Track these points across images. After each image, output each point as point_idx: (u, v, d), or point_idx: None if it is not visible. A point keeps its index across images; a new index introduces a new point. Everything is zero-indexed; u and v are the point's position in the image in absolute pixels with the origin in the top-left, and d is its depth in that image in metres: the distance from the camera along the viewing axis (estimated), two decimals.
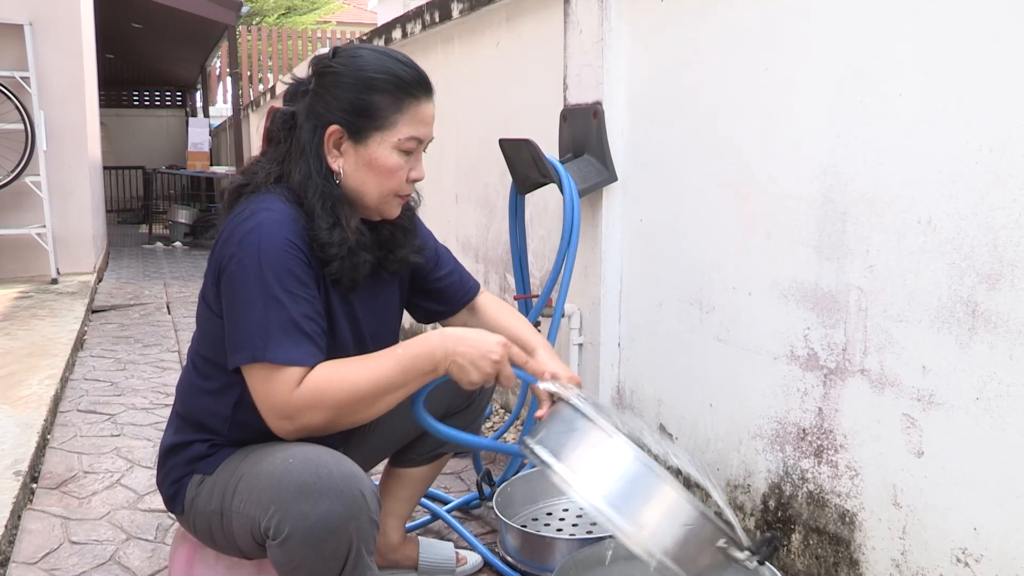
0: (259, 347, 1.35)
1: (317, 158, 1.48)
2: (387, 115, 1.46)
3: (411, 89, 1.48)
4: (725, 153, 1.93)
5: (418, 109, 1.49)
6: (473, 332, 1.45)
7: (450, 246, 3.66)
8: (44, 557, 2.07)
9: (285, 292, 1.37)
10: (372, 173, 1.49)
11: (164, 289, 6.33)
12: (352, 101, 1.46)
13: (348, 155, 1.49)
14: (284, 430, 1.39)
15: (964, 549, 1.43)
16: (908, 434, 1.52)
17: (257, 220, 1.41)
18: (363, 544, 1.35)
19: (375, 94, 1.46)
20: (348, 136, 1.47)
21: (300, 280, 1.40)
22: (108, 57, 11.72)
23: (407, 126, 1.48)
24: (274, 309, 1.37)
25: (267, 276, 1.37)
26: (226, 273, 1.41)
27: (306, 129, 1.48)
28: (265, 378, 1.36)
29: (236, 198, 1.52)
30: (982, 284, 1.38)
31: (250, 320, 1.37)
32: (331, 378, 1.37)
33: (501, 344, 1.44)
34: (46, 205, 5.72)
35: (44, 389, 3.19)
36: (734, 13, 1.87)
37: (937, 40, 1.43)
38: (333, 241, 1.44)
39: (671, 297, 2.14)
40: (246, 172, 1.55)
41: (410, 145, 1.49)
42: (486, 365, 1.42)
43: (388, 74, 1.46)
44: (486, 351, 1.42)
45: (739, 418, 1.93)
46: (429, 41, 3.82)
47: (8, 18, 5.64)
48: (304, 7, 18.02)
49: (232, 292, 1.40)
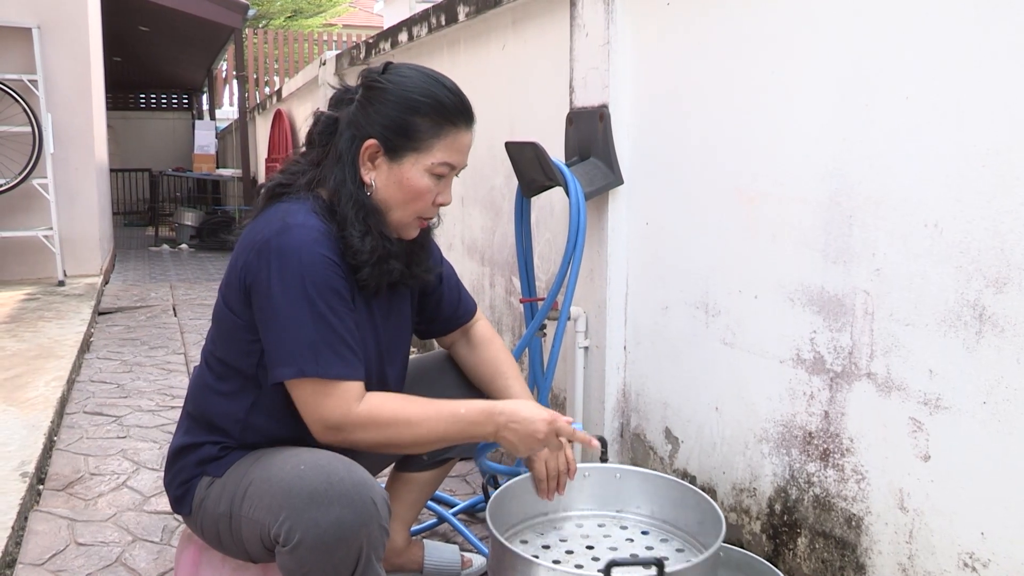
0: (308, 362, 1.39)
1: (352, 167, 1.51)
2: (425, 138, 1.49)
3: (452, 116, 1.51)
4: (731, 156, 1.92)
5: (456, 136, 1.52)
6: (526, 409, 1.49)
7: (456, 249, 3.68)
8: (51, 558, 2.08)
9: (329, 309, 1.41)
10: (401, 191, 1.51)
11: (170, 291, 6.35)
12: (393, 119, 1.49)
13: (381, 170, 1.51)
14: (328, 440, 1.44)
15: (971, 554, 1.43)
16: (915, 438, 1.52)
17: (294, 236, 1.42)
18: (373, 551, 1.36)
19: (416, 116, 1.48)
20: (384, 152, 1.50)
21: (341, 296, 1.44)
22: (115, 60, 11.74)
23: (442, 151, 1.50)
24: (321, 325, 1.40)
25: (311, 292, 1.40)
26: (263, 287, 1.43)
27: (345, 137, 1.52)
28: (317, 392, 1.41)
29: (272, 197, 1.53)
30: (989, 288, 1.37)
31: (297, 336, 1.40)
32: (396, 412, 1.44)
33: (546, 423, 1.49)
34: (53, 207, 5.74)
35: (51, 391, 3.20)
36: (740, 16, 1.87)
37: (944, 43, 1.42)
38: (365, 248, 1.47)
39: (677, 300, 2.14)
40: (285, 172, 1.58)
41: (442, 170, 1.51)
42: (533, 443, 1.49)
43: (432, 99, 1.49)
44: (533, 430, 1.48)
45: (745, 421, 1.93)
46: (435, 44, 3.83)
47: (16, 21, 5.67)
48: (310, 10, 18.06)
49: (274, 307, 1.42)
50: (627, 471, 1.83)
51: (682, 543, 1.73)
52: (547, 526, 1.77)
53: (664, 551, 1.69)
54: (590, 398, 2.44)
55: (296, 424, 1.51)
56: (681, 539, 1.74)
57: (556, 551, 1.67)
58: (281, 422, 1.52)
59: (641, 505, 1.80)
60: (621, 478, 1.81)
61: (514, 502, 1.71)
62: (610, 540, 1.72)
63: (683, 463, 2.16)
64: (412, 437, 1.45)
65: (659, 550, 1.69)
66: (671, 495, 1.76)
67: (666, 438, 2.22)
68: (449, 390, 1.76)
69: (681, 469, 2.17)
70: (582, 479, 1.80)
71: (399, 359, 1.68)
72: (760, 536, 1.92)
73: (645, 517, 1.80)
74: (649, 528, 1.77)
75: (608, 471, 1.82)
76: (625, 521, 1.80)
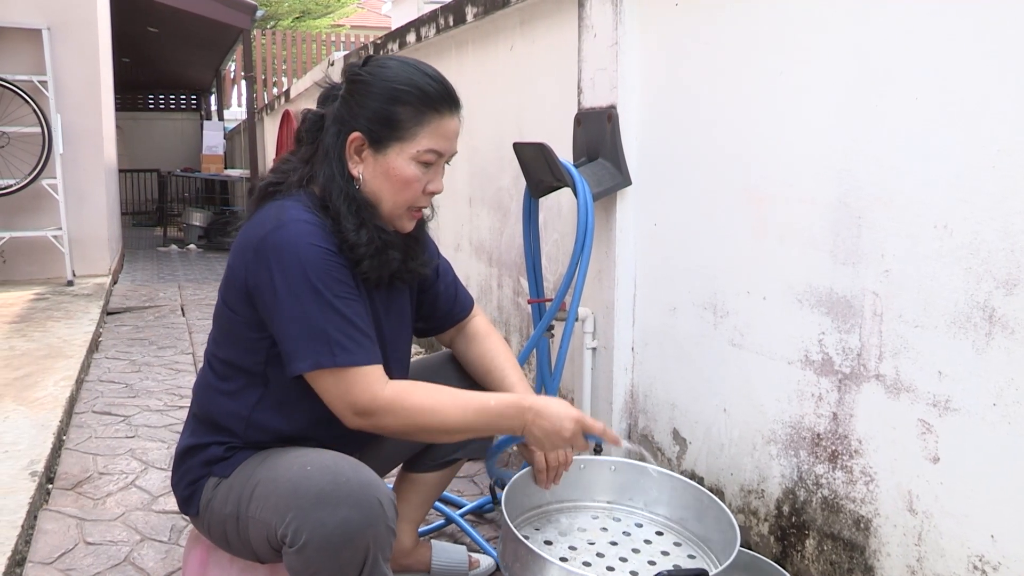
0: (323, 353, 1.40)
1: (339, 162, 1.51)
2: (408, 127, 1.49)
3: (434, 103, 1.50)
4: (739, 157, 1.92)
5: (440, 123, 1.51)
6: (554, 407, 1.50)
7: (463, 249, 3.68)
8: (60, 557, 2.09)
9: (335, 296, 1.42)
10: (388, 182, 1.51)
11: (179, 291, 6.36)
12: (376, 110, 1.49)
13: (368, 162, 1.51)
14: (357, 425, 1.45)
15: (981, 556, 1.42)
16: (924, 440, 1.51)
17: (291, 231, 1.43)
18: (380, 551, 1.36)
19: (398, 105, 1.48)
20: (369, 144, 1.50)
21: (345, 283, 1.45)
22: (124, 61, 11.78)
23: (427, 139, 1.50)
24: (330, 313, 1.41)
25: (315, 283, 1.41)
26: (267, 285, 1.43)
27: (331, 133, 1.52)
28: (338, 381, 1.42)
29: (264, 197, 1.54)
30: (999, 289, 1.37)
31: (308, 328, 1.40)
32: (423, 399, 1.45)
33: (573, 421, 1.50)
34: (62, 208, 5.76)
35: (59, 390, 3.21)
36: (748, 17, 1.87)
37: (953, 42, 1.42)
38: (361, 241, 1.47)
39: (685, 301, 2.14)
40: (276, 171, 1.58)
41: (429, 158, 1.51)
42: (558, 441, 1.50)
43: (412, 86, 1.49)
44: (560, 428, 1.49)
45: (753, 423, 1.93)
46: (443, 45, 3.83)
47: (26, 23, 5.70)
48: (318, 11, 18.09)
49: (280, 303, 1.42)
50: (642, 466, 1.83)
51: (693, 548, 1.72)
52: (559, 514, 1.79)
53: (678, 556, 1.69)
54: (598, 399, 2.44)
55: (301, 420, 1.52)
56: (689, 539, 1.74)
57: (559, 547, 1.67)
58: (286, 418, 1.52)
59: (656, 503, 1.81)
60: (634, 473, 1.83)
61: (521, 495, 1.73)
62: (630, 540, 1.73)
63: (691, 464, 2.16)
64: (439, 425, 1.45)
65: (675, 555, 1.69)
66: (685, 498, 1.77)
67: (674, 439, 2.22)
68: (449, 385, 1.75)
69: (689, 470, 2.16)
70: (578, 470, 1.81)
71: (401, 357, 1.68)
72: (768, 538, 1.91)
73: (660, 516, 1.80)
74: (664, 529, 1.78)
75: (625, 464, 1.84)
76: (640, 518, 1.81)
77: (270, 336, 1.47)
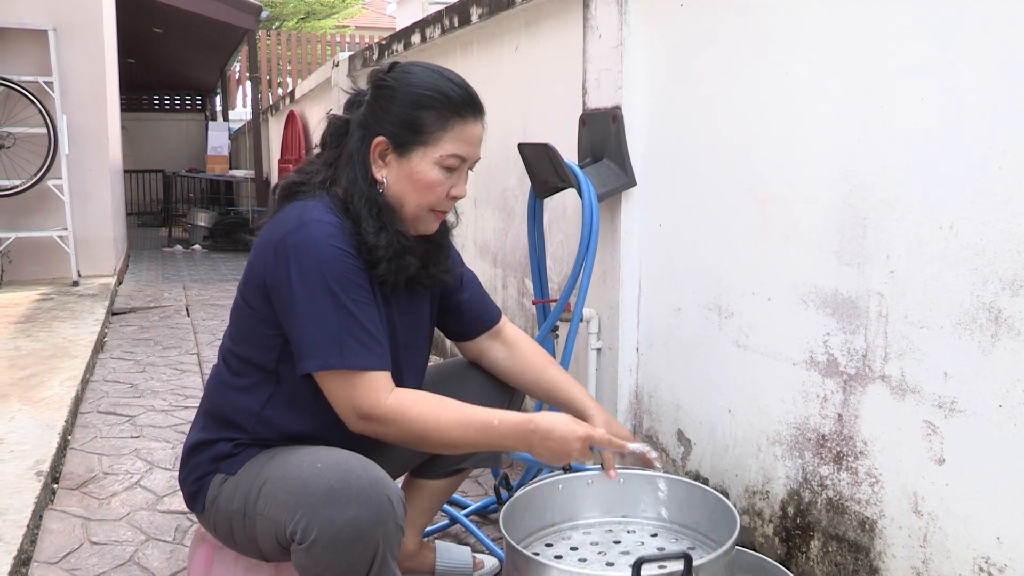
0: (333, 354, 1.41)
1: (363, 166, 1.53)
2: (431, 131, 1.50)
3: (458, 108, 1.52)
4: (744, 157, 1.92)
5: (463, 128, 1.53)
6: (561, 427, 1.48)
7: (468, 250, 3.68)
8: (65, 557, 2.09)
9: (351, 300, 1.43)
10: (412, 186, 1.52)
11: (183, 292, 6.38)
12: (400, 115, 1.51)
13: (391, 166, 1.53)
14: (360, 429, 1.46)
15: (987, 558, 1.42)
16: (929, 441, 1.51)
17: (311, 232, 1.44)
18: (389, 549, 1.36)
19: (422, 110, 1.50)
20: (392, 148, 1.52)
21: (362, 287, 1.46)
22: (129, 62, 11.82)
23: (450, 143, 1.51)
24: (344, 316, 1.42)
25: (332, 285, 1.42)
26: (284, 283, 1.45)
27: (356, 138, 1.54)
28: (344, 383, 1.43)
29: (287, 196, 1.55)
30: (1005, 290, 1.36)
31: (320, 329, 1.42)
32: (426, 411, 1.45)
33: (580, 440, 1.49)
34: (68, 208, 5.78)
35: (65, 390, 3.22)
36: (753, 17, 1.87)
37: (959, 43, 1.42)
38: (380, 244, 1.48)
39: (690, 302, 2.13)
40: (300, 171, 1.60)
41: (452, 162, 1.52)
42: (565, 459, 1.50)
43: (436, 92, 1.51)
44: (567, 449, 1.48)
45: (758, 424, 1.92)
46: (448, 45, 3.84)
47: (32, 24, 5.71)
48: (323, 12, 18.12)
49: (296, 302, 1.43)
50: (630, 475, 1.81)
51: (692, 541, 1.72)
52: (555, 536, 1.76)
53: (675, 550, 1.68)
54: (602, 400, 2.44)
55: (309, 419, 1.53)
56: (691, 538, 1.73)
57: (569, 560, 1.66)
58: (296, 417, 1.53)
59: (647, 508, 1.79)
60: (625, 483, 1.80)
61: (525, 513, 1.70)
62: (621, 546, 1.71)
63: (695, 465, 2.16)
64: (440, 439, 1.46)
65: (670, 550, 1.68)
66: (678, 495, 1.75)
67: (679, 440, 2.22)
68: (471, 392, 1.75)
69: (694, 471, 2.16)
70: (586, 486, 1.78)
71: (415, 363, 1.68)
72: (773, 539, 1.91)
73: (652, 520, 1.79)
74: (658, 530, 1.77)
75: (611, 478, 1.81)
76: (632, 525, 1.79)
77: (284, 333, 1.48)
